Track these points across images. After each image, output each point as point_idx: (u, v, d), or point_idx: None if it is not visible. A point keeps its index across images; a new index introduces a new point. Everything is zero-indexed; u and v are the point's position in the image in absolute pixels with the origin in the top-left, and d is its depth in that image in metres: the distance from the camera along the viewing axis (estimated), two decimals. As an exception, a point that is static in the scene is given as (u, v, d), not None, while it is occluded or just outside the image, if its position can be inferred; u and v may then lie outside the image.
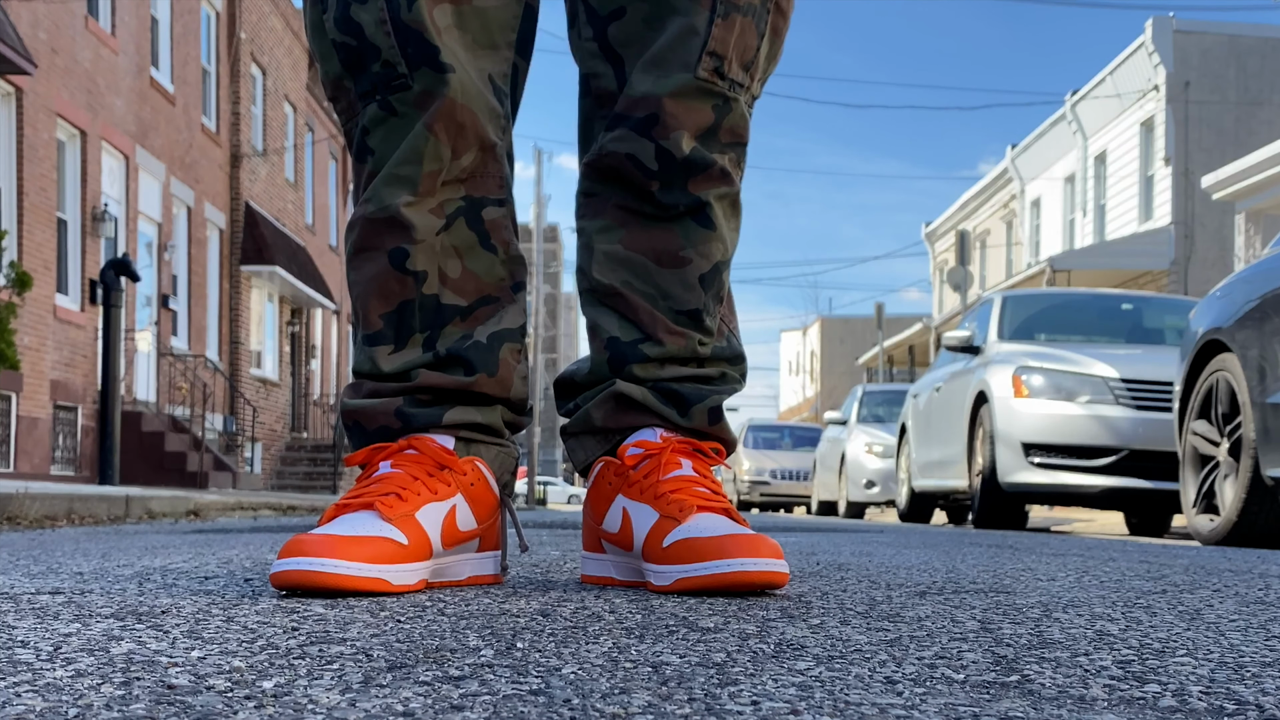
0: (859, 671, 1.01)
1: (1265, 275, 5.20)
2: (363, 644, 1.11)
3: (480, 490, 1.71)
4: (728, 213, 1.79)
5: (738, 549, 1.52)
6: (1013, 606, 1.56)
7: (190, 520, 6.97)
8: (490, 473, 1.72)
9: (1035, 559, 2.80)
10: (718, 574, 1.52)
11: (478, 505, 1.70)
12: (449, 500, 1.66)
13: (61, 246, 14.95)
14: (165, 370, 17.91)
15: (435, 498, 1.64)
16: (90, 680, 0.92)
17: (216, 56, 20.60)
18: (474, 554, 1.77)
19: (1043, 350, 8.46)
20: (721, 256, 1.78)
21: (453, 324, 1.74)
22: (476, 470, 1.70)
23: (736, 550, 1.52)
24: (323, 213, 27.11)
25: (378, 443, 1.70)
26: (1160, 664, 1.08)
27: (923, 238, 36.87)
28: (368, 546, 1.51)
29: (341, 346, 28.45)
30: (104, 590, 1.65)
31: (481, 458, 1.75)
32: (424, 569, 1.61)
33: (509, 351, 1.78)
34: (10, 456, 13.31)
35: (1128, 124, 23.64)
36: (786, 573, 1.55)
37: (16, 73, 13.01)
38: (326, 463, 22.94)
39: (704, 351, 1.77)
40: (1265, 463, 4.95)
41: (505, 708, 0.83)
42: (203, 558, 2.41)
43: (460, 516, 1.67)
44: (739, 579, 1.51)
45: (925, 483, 10.44)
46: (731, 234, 1.80)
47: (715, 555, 1.52)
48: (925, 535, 5.21)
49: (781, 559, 1.54)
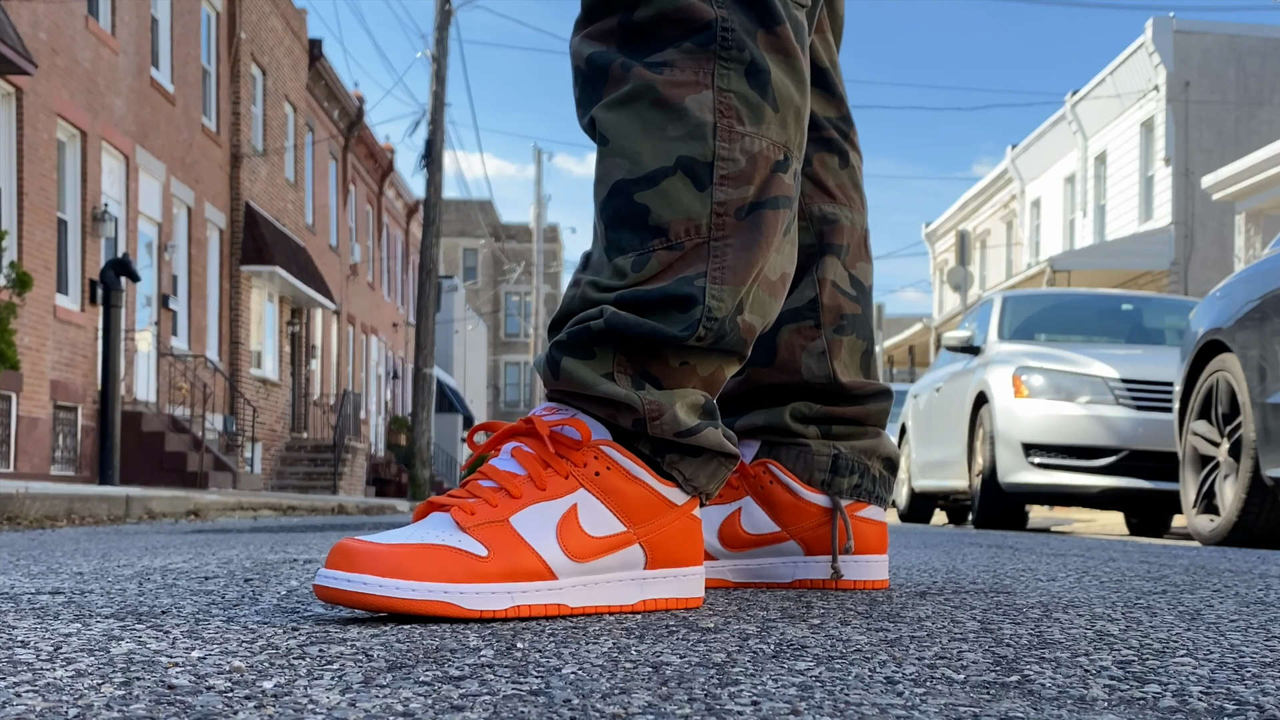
0: (859, 671, 1.01)
1: (1265, 275, 5.20)
2: (363, 644, 1.11)
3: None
4: (633, 117, 1.41)
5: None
6: (1013, 606, 1.56)
7: (190, 520, 6.97)
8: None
9: (1035, 559, 2.80)
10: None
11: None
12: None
13: (61, 246, 14.95)
14: (165, 370, 17.90)
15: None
16: (90, 680, 0.92)
17: (216, 56, 20.60)
18: (801, 557, 1.73)
19: (1043, 350, 8.46)
20: (624, 174, 1.40)
21: None
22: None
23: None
24: (323, 213, 27.10)
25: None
26: (1160, 664, 1.08)
27: (923, 238, 36.86)
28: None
29: (341, 346, 28.44)
30: (104, 590, 1.65)
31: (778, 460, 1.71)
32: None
33: (791, 334, 1.76)
34: (10, 456, 13.30)
35: (1128, 124, 23.63)
36: (335, 589, 1.25)
37: (16, 73, 13.00)
38: (326, 463, 22.93)
39: (598, 296, 1.41)
40: (1265, 463, 4.95)
41: (505, 708, 0.83)
42: (203, 558, 2.41)
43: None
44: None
45: (925, 483, 10.44)
46: (647, 142, 1.40)
47: None
48: (925, 535, 5.21)
49: (344, 571, 1.25)
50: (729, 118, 1.40)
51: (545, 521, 1.34)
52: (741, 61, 1.41)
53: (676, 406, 1.40)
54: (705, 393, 1.46)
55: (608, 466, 1.38)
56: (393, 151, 33.53)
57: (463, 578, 1.27)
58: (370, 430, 31.04)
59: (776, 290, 1.47)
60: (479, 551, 1.29)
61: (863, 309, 1.81)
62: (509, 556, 1.30)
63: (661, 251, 1.39)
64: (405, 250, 36.56)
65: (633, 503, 1.39)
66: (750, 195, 1.41)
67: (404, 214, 36.33)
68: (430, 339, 22.27)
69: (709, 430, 1.42)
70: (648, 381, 1.41)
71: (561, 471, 1.37)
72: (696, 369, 1.43)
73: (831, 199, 1.80)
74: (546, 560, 1.33)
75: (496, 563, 1.29)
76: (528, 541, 1.32)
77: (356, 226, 30.39)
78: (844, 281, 1.80)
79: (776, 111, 1.42)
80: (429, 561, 1.26)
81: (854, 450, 1.77)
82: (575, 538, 1.35)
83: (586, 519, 1.36)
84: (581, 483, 1.37)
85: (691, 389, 1.43)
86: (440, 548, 1.28)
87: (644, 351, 1.39)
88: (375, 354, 32.74)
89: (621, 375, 1.40)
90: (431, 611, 1.25)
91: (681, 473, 1.43)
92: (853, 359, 1.79)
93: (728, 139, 1.40)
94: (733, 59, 1.40)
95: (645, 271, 1.39)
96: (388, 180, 33.21)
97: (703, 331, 1.38)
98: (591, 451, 1.38)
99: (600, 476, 1.38)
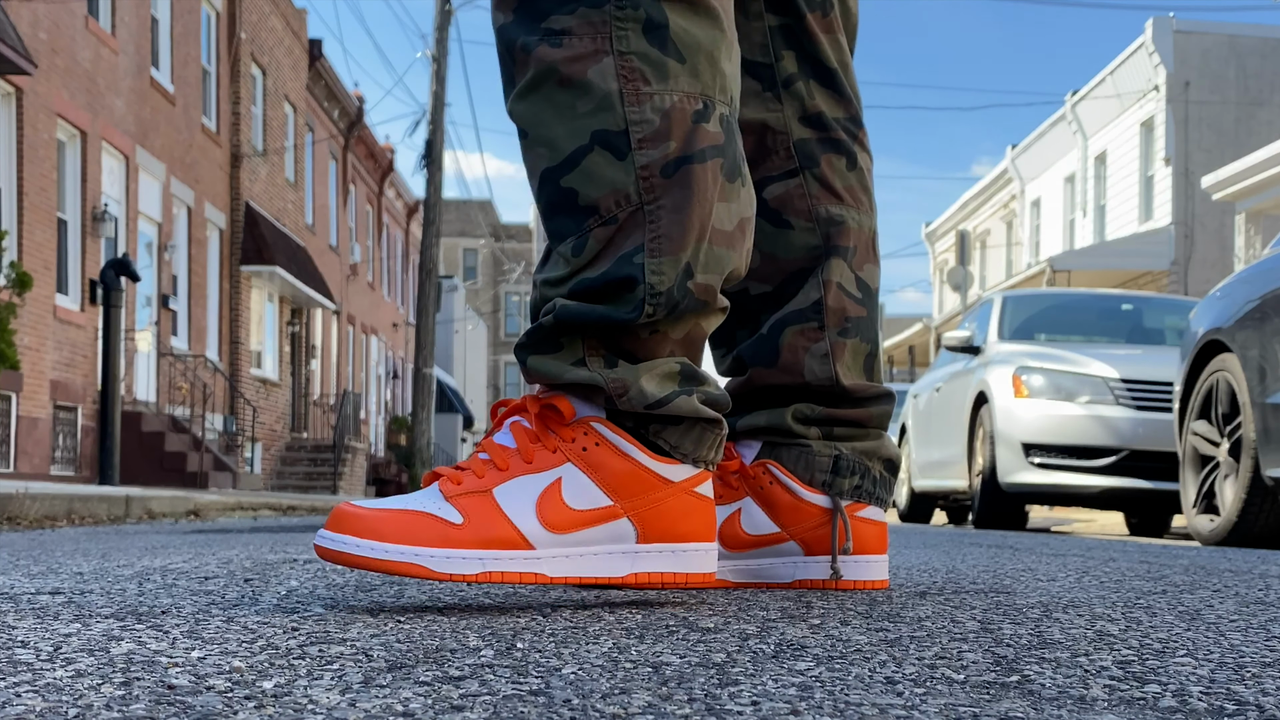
0: (859, 672, 1.01)
1: (1265, 275, 5.20)
2: (363, 644, 1.11)
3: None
4: (542, 102, 1.40)
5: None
6: (1013, 606, 1.56)
7: (190, 520, 6.97)
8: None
9: (1035, 559, 2.80)
10: None
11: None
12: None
13: (61, 246, 14.95)
14: (165, 370, 17.90)
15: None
16: (90, 680, 0.92)
17: (216, 56, 20.60)
18: (801, 558, 1.74)
19: (1043, 350, 8.46)
20: (547, 163, 1.41)
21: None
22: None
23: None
24: (323, 213, 27.11)
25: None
26: (1160, 664, 1.08)
27: (923, 238, 36.86)
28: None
29: (341, 346, 28.45)
30: (104, 590, 1.65)
31: (778, 461, 1.73)
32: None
33: (795, 335, 1.78)
34: (10, 456, 13.30)
35: (1128, 124, 23.63)
36: (323, 547, 1.35)
37: (16, 73, 13.00)
38: (326, 463, 22.94)
39: (551, 293, 1.43)
40: (1265, 463, 4.95)
41: (505, 708, 0.83)
42: (203, 558, 2.41)
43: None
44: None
45: (925, 483, 10.44)
46: (560, 125, 1.39)
47: None
48: (925, 535, 5.21)
49: (332, 532, 1.35)
50: (634, 80, 1.38)
51: (526, 494, 1.38)
52: (637, 20, 1.39)
53: (643, 380, 1.41)
54: (684, 357, 1.46)
55: (596, 442, 1.41)
56: (393, 151, 33.54)
57: (434, 542, 1.33)
58: (370, 430, 31.05)
59: (734, 239, 1.46)
60: (454, 519, 1.35)
61: (868, 312, 1.81)
62: (483, 525, 1.36)
63: (598, 229, 1.39)
64: (405, 250, 36.57)
65: (620, 478, 1.41)
66: (673, 151, 1.39)
67: (404, 214, 36.34)
68: (430, 339, 22.27)
69: (681, 399, 1.42)
70: (621, 357, 1.42)
71: (550, 446, 1.41)
72: (668, 334, 1.44)
73: (839, 200, 1.80)
74: (522, 530, 1.37)
75: (470, 530, 1.35)
76: (505, 512, 1.37)
77: (356, 226, 30.39)
78: (850, 284, 1.80)
79: (683, 62, 1.41)
80: (406, 526, 1.33)
81: (855, 451, 1.77)
82: (555, 510, 1.38)
83: (570, 492, 1.39)
84: (569, 457, 1.40)
85: (665, 358, 1.44)
86: (418, 514, 1.35)
87: (606, 332, 1.41)
88: (375, 354, 32.75)
89: (594, 357, 1.41)
90: (402, 572, 1.32)
91: (667, 441, 1.44)
92: (856, 362, 1.79)
93: (636, 102, 1.38)
94: (628, 18, 1.39)
95: (586, 254, 1.40)
96: (388, 180, 33.22)
97: (650, 309, 1.39)
98: (581, 428, 1.41)
99: (588, 452, 1.41)
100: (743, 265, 1.49)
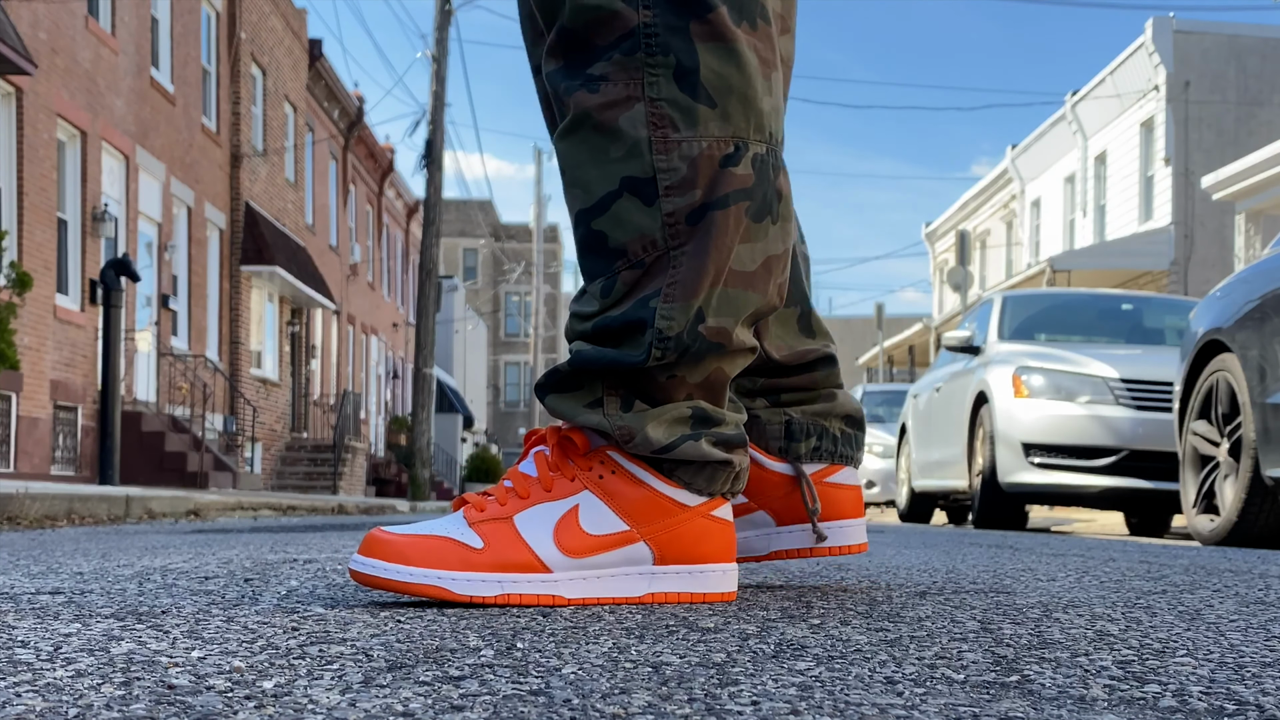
0: (859, 671, 1.01)
1: (1265, 275, 5.20)
2: (363, 644, 1.11)
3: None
4: (579, 145, 1.46)
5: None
6: (1013, 606, 1.56)
7: (190, 520, 6.97)
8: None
9: (1035, 559, 2.80)
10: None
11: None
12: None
13: (61, 246, 14.95)
14: (165, 370, 17.90)
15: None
16: (90, 680, 0.92)
17: (216, 56, 20.60)
18: (774, 528, 1.73)
19: (1043, 350, 8.46)
20: (581, 204, 1.46)
21: None
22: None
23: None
24: (323, 213, 27.11)
25: None
26: (1160, 664, 1.08)
27: (923, 238, 36.87)
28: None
29: (341, 346, 28.45)
30: (104, 590, 1.65)
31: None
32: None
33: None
34: (10, 456, 13.31)
35: (1128, 124, 23.63)
36: (356, 571, 1.42)
37: (16, 73, 13.00)
38: (326, 463, 22.93)
39: (580, 328, 1.49)
40: (1265, 463, 4.95)
41: (505, 708, 0.83)
42: (203, 558, 2.41)
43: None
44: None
45: (925, 483, 10.44)
46: (594, 169, 1.45)
47: None
48: (925, 535, 5.21)
49: (364, 556, 1.42)
50: (663, 128, 1.41)
51: (545, 520, 1.45)
52: (668, 66, 1.41)
53: (649, 427, 1.45)
54: (700, 400, 1.49)
55: (613, 470, 1.47)
56: (393, 151, 33.53)
57: (455, 566, 1.41)
58: (370, 430, 31.05)
59: (756, 278, 1.47)
60: (475, 544, 1.42)
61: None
62: (502, 550, 1.42)
63: (625, 272, 1.44)
64: (405, 250, 36.57)
65: (636, 504, 1.47)
66: (697, 199, 1.42)
67: (404, 214, 36.34)
68: (430, 339, 22.27)
69: (688, 444, 1.46)
70: (639, 398, 1.46)
71: (568, 475, 1.47)
72: (685, 378, 1.47)
73: None
74: (540, 555, 1.43)
75: (490, 555, 1.42)
76: (524, 537, 1.43)
77: (356, 226, 30.39)
78: None
79: (714, 107, 1.42)
80: (429, 551, 1.41)
81: (807, 414, 1.75)
82: (572, 535, 1.44)
83: (587, 518, 1.46)
84: (586, 485, 1.47)
85: (679, 402, 1.47)
86: (442, 539, 1.42)
87: (620, 376, 1.46)
88: (375, 354, 32.75)
89: (611, 399, 1.47)
90: (425, 594, 1.40)
91: (680, 477, 1.49)
92: (785, 330, 1.76)
93: (664, 150, 1.41)
94: (659, 64, 1.41)
95: (613, 295, 1.44)
96: (388, 180, 33.21)
97: (657, 353, 1.42)
98: (598, 456, 1.47)
99: (604, 480, 1.47)
100: (771, 301, 1.50)
